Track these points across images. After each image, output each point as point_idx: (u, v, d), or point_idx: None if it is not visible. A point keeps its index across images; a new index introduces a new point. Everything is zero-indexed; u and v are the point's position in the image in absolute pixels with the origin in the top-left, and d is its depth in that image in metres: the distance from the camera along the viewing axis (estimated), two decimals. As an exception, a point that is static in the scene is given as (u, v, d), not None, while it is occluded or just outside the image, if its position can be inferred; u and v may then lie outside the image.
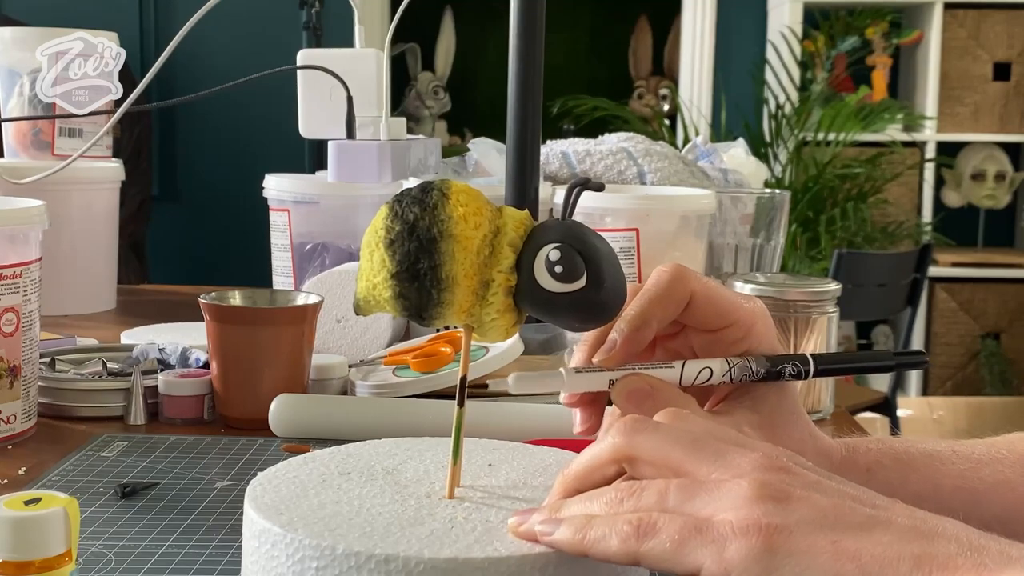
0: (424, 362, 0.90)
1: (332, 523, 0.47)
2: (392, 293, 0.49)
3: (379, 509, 0.48)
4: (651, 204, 1.00)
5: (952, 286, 3.54)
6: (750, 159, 1.41)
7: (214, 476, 0.73)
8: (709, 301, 0.54)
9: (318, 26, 2.67)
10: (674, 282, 0.53)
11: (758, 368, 0.54)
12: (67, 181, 1.23)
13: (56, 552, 0.42)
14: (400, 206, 0.49)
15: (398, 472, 0.53)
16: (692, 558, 0.40)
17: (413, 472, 0.53)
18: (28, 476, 0.74)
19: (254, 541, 0.48)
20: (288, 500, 0.49)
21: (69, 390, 0.87)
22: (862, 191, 3.30)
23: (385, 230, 0.49)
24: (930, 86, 3.53)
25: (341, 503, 0.49)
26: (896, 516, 0.41)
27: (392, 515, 0.48)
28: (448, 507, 0.49)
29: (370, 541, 0.45)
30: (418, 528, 0.46)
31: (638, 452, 0.44)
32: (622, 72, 4.26)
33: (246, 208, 1.96)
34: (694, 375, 0.54)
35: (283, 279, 1.24)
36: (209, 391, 0.87)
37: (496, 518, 0.48)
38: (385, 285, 0.49)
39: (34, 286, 0.81)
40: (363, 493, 0.50)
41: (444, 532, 0.46)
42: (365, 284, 0.50)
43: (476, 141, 1.33)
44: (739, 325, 0.55)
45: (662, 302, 0.53)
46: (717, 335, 0.55)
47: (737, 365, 0.54)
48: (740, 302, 0.55)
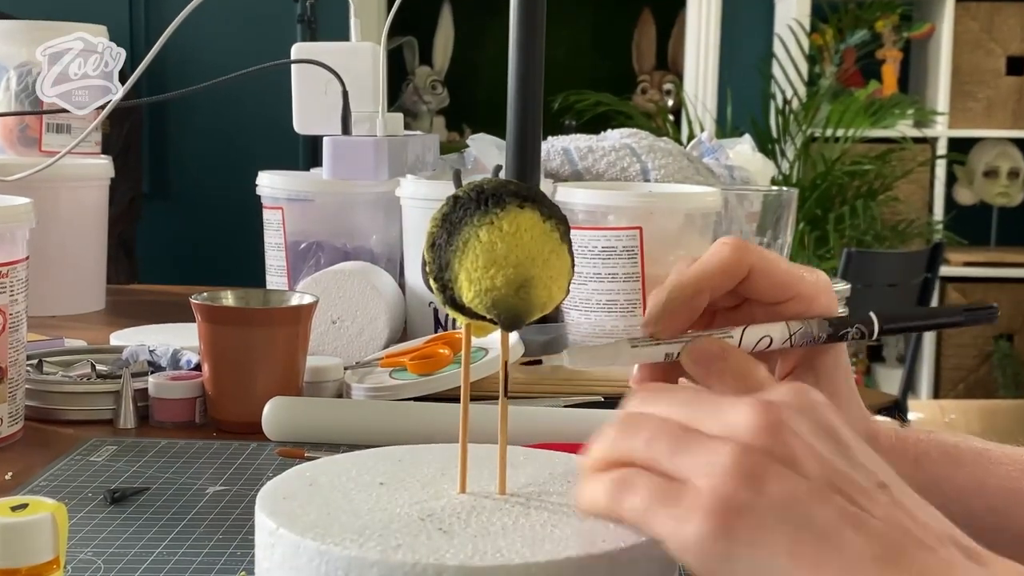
0: (422, 364, 0.90)
1: (366, 533, 0.45)
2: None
3: (408, 514, 0.47)
4: (655, 202, 0.99)
5: (964, 286, 3.52)
6: (756, 155, 1.41)
7: (206, 481, 0.73)
8: (768, 274, 0.54)
9: (313, 19, 2.66)
10: (732, 253, 0.53)
11: (820, 333, 0.54)
12: (55, 178, 1.21)
13: (44, 559, 0.42)
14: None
15: (425, 477, 0.52)
16: (656, 527, 0.40)
17: (427, 476, 0.52)
18: (15, 481, 0.73)
19: (278, 551, 0.46)
20: (309, 508, 0.48)
21: (57, 393, 0.87)
22: (872, 188, 3.29)
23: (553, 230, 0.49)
24: (942, 81, 3.52)
25: (374, 511, 0.48)
26: (871, 516, 0.39)
27: (427, 521, 0.47)
28: (498, 509, 0.48)
29: (415, 550, 0.43)
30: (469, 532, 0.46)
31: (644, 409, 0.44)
32: (625, 66, 4.25)
33: (239, 206, 1.94)
34: (754, 342, 0.53)
35: (277, 279, 1.23)
36: (201, 394, 0.86)
37: (543, 519, 0.47)
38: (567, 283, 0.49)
39: (21, 286, 0.80)
40: (392, 499, 0.49)
41: (508, 534, 0.45)
42: (557, 287, 0.49)
43: (475, 137, 1.32)
44: (800, 298, 0.54)
45: (716, 274, 0.53)
46: (778, 308, 0.54)
47: (798, 331, 0.54)
48: (801, 274, 0.55)
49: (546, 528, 0.46)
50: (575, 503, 0.44)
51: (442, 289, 0.49)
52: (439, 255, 0.48)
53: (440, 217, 0.49)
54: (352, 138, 1.12)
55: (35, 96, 1.19)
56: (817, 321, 0.54)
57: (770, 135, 3.37)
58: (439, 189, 1.07)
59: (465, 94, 4.20)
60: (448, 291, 0.49)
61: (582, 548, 0.44)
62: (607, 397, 0.84)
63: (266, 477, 0.73)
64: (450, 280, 0.48)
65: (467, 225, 0.48)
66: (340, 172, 1.11)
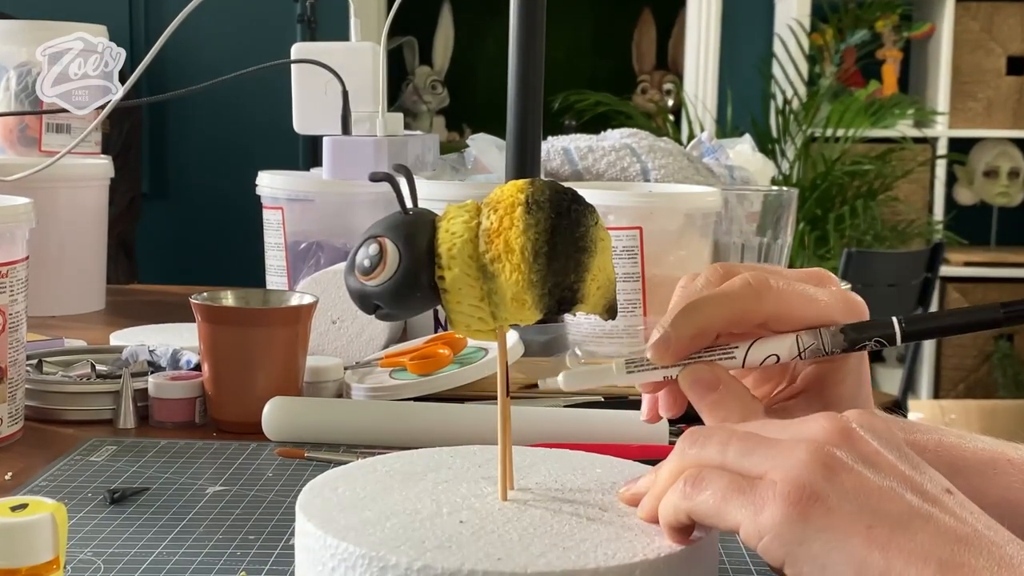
0: (422, 364, 0.89)
1: (402, 539, 0.45)
2: None
3: (441, 520, 0.48)
4: (655, 202, 0.99)
5: (964, 286, 3.51)
6: (756, 155, 1.41)
7: (206, 481, 0.72)
8: (783, 320, 0.51)
9: (313, 19, 2.66)
10: (751, 301, 0.51)
11: (833, 348, 0.51)
12: (54, 178, 1.21)
13: (43, 559, 0.42)
14: None
15: (446, 480, 0.53)
16: (732, 516, 0.41)
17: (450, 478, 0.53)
18: (15, 481, 0.73)
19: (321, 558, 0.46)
20: (344, 514, 0.48)
21: (57, 393, 0.86)
22: (872, 188, 3.29)
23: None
24: (942, 80, 3.51)
25: (406, 514, 0.48)
26: (940, 512, 0.40)
27: (456, 526, 0.47)
28: (514, 513, 0.48)
29: (452, 555, 0.44)
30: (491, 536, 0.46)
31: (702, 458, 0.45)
32: (625, 66, 4.25)
33: (239, 206, 1.94)
34: (760, 360, 0.51)
35: (277, 279, 1.22)
36: (201, 394, 0.85)
37: (560, 522, 0.47)
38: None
39: (20, 286, 0.80)
40: (419, 505, 0.49)
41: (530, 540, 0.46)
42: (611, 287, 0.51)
43: (475, 137, 1.32)
44: (816, 324, 0.53)
45: (729, 319, 0.51)
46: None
47: (809, 348, 0.51)
48: (816, 301, 0.52)
49: (597, 530, 0.46)
50: (632, 508, 0.45)
51: (551, 293, 0.48)
52: (552, 262, 0.48)
53: (547, 226, 0.48)
54: (352, 138, 1.12)
55: (35, 96, 1.19)
56: (831, 332, 0.51)
57: (770, 135, 3.36)
58: (439, 189, 1.07)
59: (465, 94, 4.20)
60: (561, 294, 0.48)
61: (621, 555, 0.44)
62: (607, 397, 0.84)
63: (266, 477, 0.73)
64: (576, 282, 0.48)
65: (588, 226, 0.48)
66: (340, 172, 1.11)
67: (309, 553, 0.47)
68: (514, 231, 0.47)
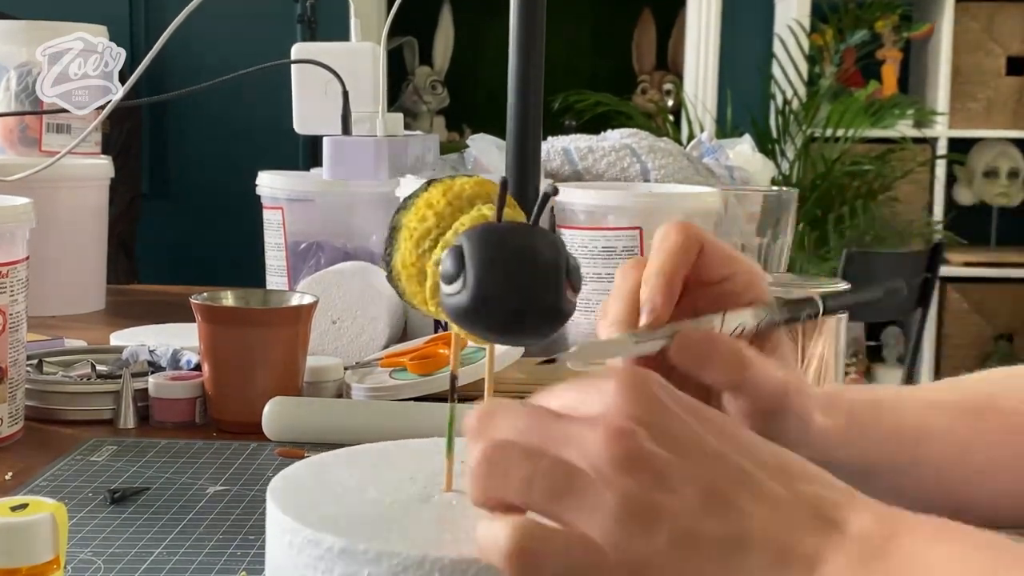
0: (422, 364, 0.89)
1: (373, 527, 0.47)
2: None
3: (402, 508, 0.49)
4: (654, 202, 0.99)
5: (964, 286, 3.51)
6: (756, 156, 1.41)
7: (206, 481, 0.73)
8: (715, 249, 0.55)
9: (313, 19, 2.66)
10: (684, 231, 0.55)
11: (780, 317, 0.57)
12: (55, 178, 1.21)
13: (44, 559, 0.42)
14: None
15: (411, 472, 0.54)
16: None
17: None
18: (15, 481, 0.73)
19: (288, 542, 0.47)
20: (317, 503, 0.49)
21: (57, 393, 0.86)
22: (871, 189, 3.28)
23: None
24: (941, 81, 3.51)
25: (377, 504, 0.50)
26: (755, 521, 0.41)
27: (430, 516, 0.49)
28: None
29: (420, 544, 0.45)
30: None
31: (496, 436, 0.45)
32: (625, 67, 4.24)
33: (239, 206, 1.94)
34: (730, 329, 0.55)
35: (277, 279, 1.22)
36: (201, 394, 0.86)
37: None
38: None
39: (21, 286, 0.80)
40: (392, 495, 0.51)
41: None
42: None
43: (475, 137, 1.32)
44: (740, 275, 0.56)
45: (681, 252, 0.54)
46: (720, 287, 0.55)
47: (765, 320, 0.56)
48: (738, 253, 0.57)
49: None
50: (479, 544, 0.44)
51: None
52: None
53: None
54: (352, 138, 1.12)
55: (35, 96, 1.19)
56: (776, 306, 0.57)
57: (770, 135, 3.36)
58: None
59: (465, 94, 4.20)
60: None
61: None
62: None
63: (266, 477, 0.73)
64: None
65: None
66: (340, 172, 1.11)
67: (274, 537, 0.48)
68: None
